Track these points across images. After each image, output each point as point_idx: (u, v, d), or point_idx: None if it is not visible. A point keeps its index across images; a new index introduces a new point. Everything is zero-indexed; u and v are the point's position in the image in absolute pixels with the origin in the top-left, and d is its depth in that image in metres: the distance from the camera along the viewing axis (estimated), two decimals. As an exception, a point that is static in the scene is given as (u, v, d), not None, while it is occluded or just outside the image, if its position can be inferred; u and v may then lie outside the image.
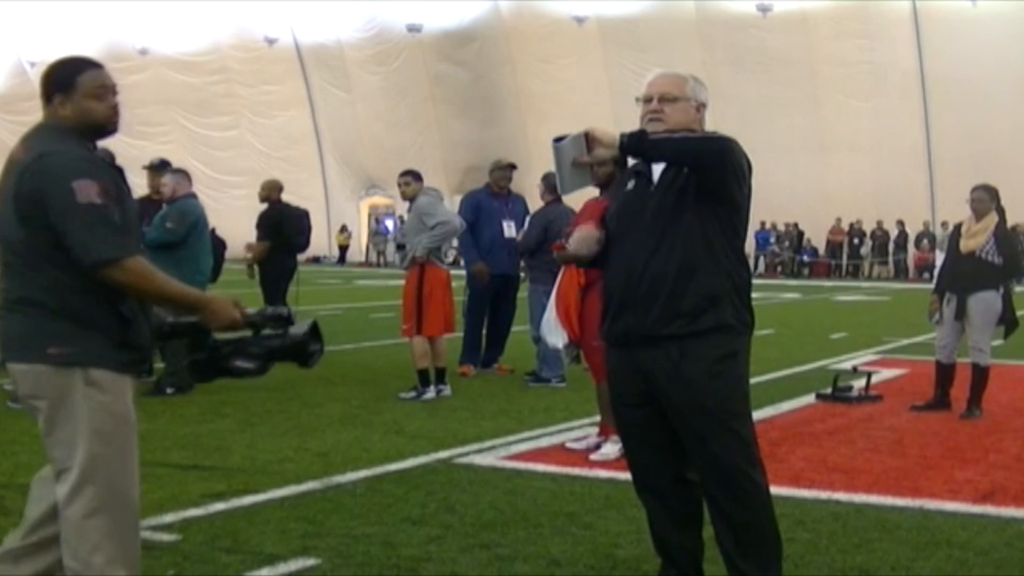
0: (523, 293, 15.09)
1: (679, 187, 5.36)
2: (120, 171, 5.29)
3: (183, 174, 13.82)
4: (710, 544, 5.68)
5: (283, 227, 17.17)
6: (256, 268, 17.32)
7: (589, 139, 5.24)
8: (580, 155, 5.26)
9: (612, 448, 9.66)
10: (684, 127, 5.49)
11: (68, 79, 4.94)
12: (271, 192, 17.37)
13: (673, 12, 49.94)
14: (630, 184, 5.67)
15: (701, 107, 5.63)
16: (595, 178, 5.67)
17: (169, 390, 12.74)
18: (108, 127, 5.06)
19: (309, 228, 17.72)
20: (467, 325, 15.30)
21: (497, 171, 15.60)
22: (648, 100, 5.59)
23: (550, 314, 10.12)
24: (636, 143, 5.21)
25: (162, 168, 14.50)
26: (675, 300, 5.33)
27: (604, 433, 9.96)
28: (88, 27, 61.49)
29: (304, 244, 17.68)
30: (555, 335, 10.07)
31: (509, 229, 15.24)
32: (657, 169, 5.51)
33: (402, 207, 34.22)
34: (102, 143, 5.20)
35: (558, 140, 5.30)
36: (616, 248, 5.59)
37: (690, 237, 5.32)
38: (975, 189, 12.49)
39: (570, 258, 9.99)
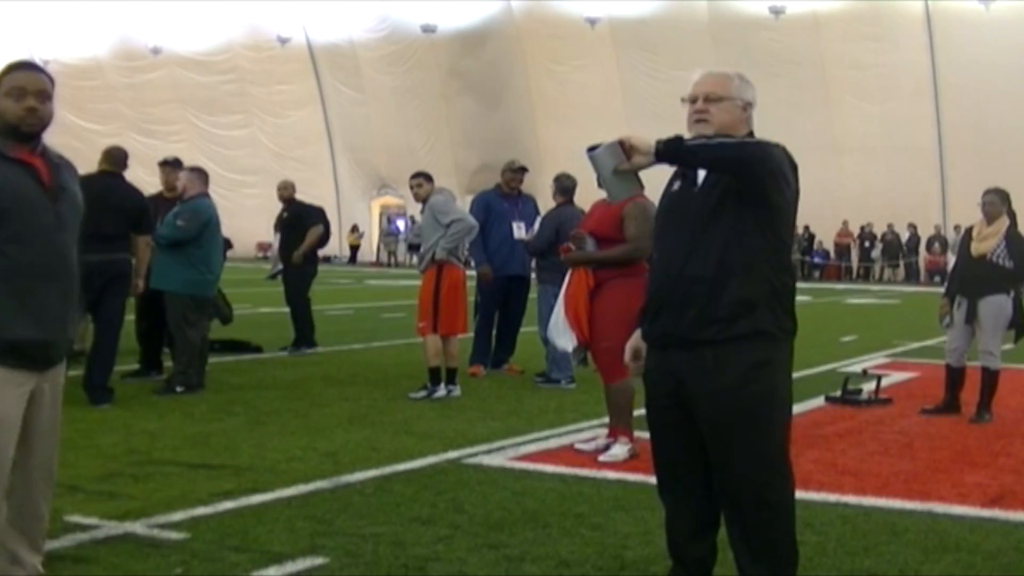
0: (533, 294, 15.08)
1: (721, 189, 5.30)
2: (57, 167, 5.26)
3: (198, 172, 13.79)
4: (722, 546, 5.67)
5: (319, 218, 18.09)
6: (277, 265, 17.92)
7: (625, 147, 5.19)
8: (619, 163, 5.23)
9: (621, 449, 9.69)
10: (730, 128, 5.44)
11: None
12: (291, 192, 18.09)
13: (685, 14, 49.91)
14: (675, 185, 5.60)
15: (748, 106, 5.57)
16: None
17: (179, 388, 12.75)
18: (22, 127, 5.09)
19: (329, 224, 18.48)
20: (477, 326, 15.31)
21: (509, 172, 15.62)
22: (693, 100, 5.53)
23: (559, 316, 10.10)
24: (672, 150, 5.15)
25: (175, 166, 14.51)
26: (711, 304, 5.26)
27: (614, 435, 9.95)
28: (101, 26, 61.71)
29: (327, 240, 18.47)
30: (564, 338, 10.05)
31: (519, 230, 15.24)
32: (702, 171, 5.45)
33: (413, 207, 34.29)
34: (115, 141, 5.29)
35: (592, 149, 5.27)
36: (658, 249, 5.54)
37: (728, 240, 5.25)
38: (986, 192, 12.46)
39: (578, 260, 10.02)
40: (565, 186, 14.96)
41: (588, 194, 10.90)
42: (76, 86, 65.33)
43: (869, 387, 13.38)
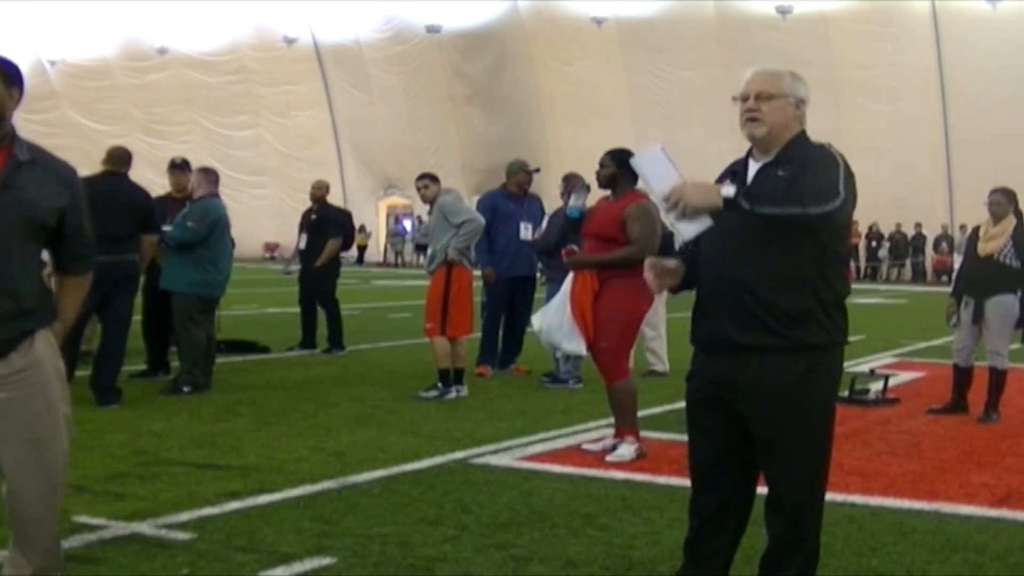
0: (540, 294, 15.06)
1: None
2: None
3: (207, 173, 13.77)
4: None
5: (346, 227, 18.38)
6: (292, 264, 18.17)
7: (678, 196, 5.06)
8: (671, 196, 5.07)
9: (628, 449, 9.70)
10: (782, 127, 5.39)
11: None
12: (325, 192, 18.24)
13: (692, 13, 49.91)
14: (725, 184, 5.46)
15: (800, 103, 5.50)
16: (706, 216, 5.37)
17: (186, 388, 12.75)
18: None
19: (352, 229, 18.75)
20: (484, 326, 15.30)
21: (522, 174, 15.51)
22: (745, 98, 5.43)
23: (564, 319, 9.96)
24: (735, 208, 5.02)
25: (184, 168, 14.49)
26: (757, 312, 5.21)
27: (620, 435, 9.94)
28: (108, 26, 61.78)
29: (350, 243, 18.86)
30: (574, 342, 9.96)
31: (526, 231, 15.21)
32: (753, 170, 5.41)
33: (420, 207, 34.23)
34: (122, 142, 5.20)
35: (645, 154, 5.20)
36: (707, 250, 5.40)
37: (777, 248, 5.17)
38: (993, 192, 12.45)
39: (582, 263, 9.95)
40: (573, 186, 14.96)
41: (593, 194, 10.92)
42: (84, 87, 65.52)
43: (876, 387, 13.38)
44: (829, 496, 5.40)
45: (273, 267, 43.16)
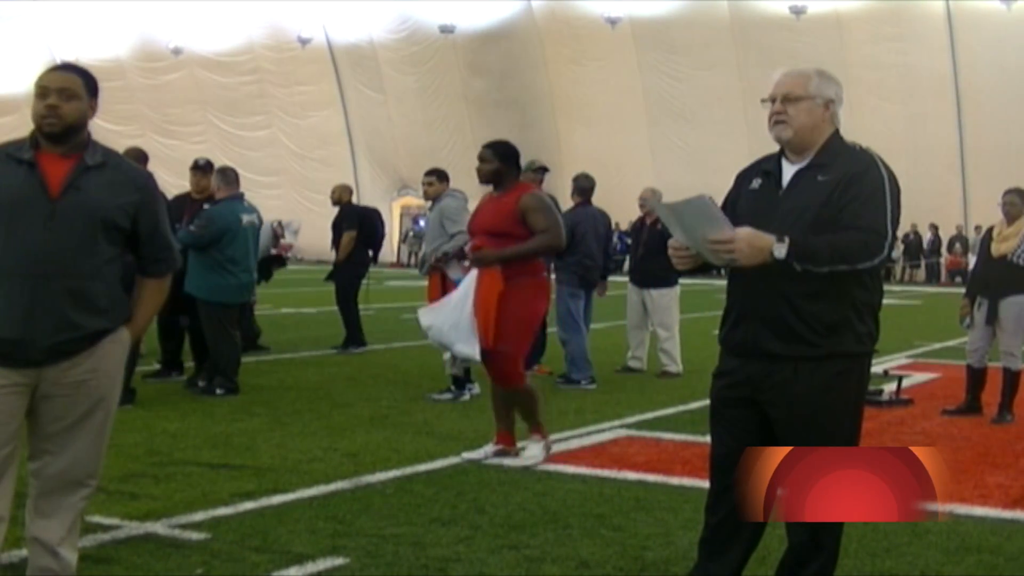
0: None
1: (808, 198, 5.22)
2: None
3: (224, 173, 13.65)
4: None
5: (366, 223, 18.28)
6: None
7: (737, 254, 5.05)
8: (720, 246, 5.06)
9: (537, 448, 9.44)
10: (811, 129, 5.30)
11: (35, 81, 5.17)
12: (342, 194, 18.10)
13: (706, 14, 49.86)
14: (756, 183, 5.48)
15: (830, 103, 5.37)
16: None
17: (219, 391, 12.75)
18: (42, 127, 5.15)
19: (377, 226, 18.65)
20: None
21: (530, 172, 14.99)
22: (772, 101, 5.36)
23: (463, 319, 9.35)
24: (786, 266, 5.02)
25: (206, 169, 14.40)
26: (795, 323, 5.20)
27: (502, 441, 9.70)
28: (122, 26, 61.86)
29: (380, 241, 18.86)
30: (469, 344, 9.34)
31: None
32: (788, 172, 5.37)
33: (434, 208, 34.20)
34: (136, 142, 5.26)
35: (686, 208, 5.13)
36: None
37: None
38: (1007, 193, 12.42)
39: (491, 259, 9.36)
40: (583, 186, 14.95)
41: (605, 195, 10.88)
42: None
43: (890, 388, 13.36)
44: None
45: (287, 267, 43.17)
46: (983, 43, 45.95)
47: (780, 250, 4.99)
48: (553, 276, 14.92)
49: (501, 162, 9.76)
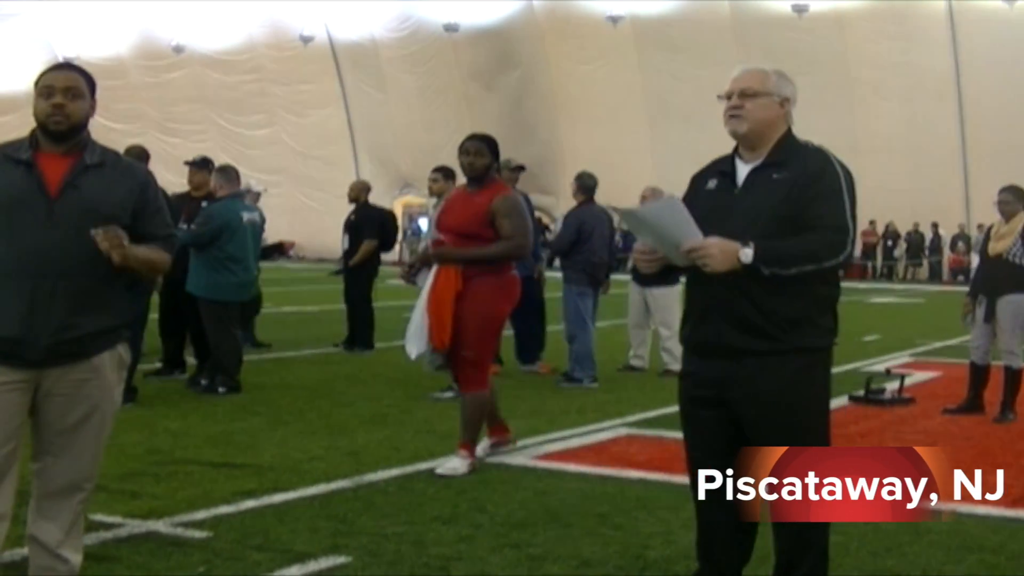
0: (558, 293, 15.03)
1: (764, 196, 5.29)
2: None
3: (224, 172, 13.65)
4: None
5: (385, 227, 18.22)
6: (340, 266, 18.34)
7: (709, 260, 5.13)
8: (689, 250, 5.15)
9: (462, 464, 9.06)
10: (766, 124, 5.39)
11: (35, 81, 5.21)
12: (360, 193, 18.06)
13: (708, 12, 49.78)
14: (712, 183, 5.54)
15: (785, 102, 5.46)
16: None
17: (221, 389, 12.75)
18: (48, 125, 5.17)
19: (392, 230, 18.71)
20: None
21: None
22: (729, 96, 5.45)
23: (417, 319, 9.16)
24: (752, 271, 5.11)
25: (201, 166, 14.40)
26: (756, 318, 5.25)
27: (496, 434, 9.73)
28: (123, 25, 61.83)
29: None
30: (412, 343, 9.17)
31: None
32: (743, 171, 5.44)
33: (435, 206, 34.20)
34: (138, 141, 5.29)
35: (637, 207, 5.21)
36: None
37: None
38: (1002, 191, 12.40)
39: (450, 257, 9.15)
40: (587, 185, 14.93)
41: (606, 193, 10.86)
42: (100, 86, 65.33)
43: (892, 386, 13.35)
44: (845, 496, 5.41)
45: (288, 266, 43.26)
46: (985, 41, 45.89)
47: (747, 254, 5.08)
48: (560, 275, 14.94)
49: (493, 157, 9.48)
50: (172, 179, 18.85)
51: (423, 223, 59.52)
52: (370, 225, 17.86)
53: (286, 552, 6.64)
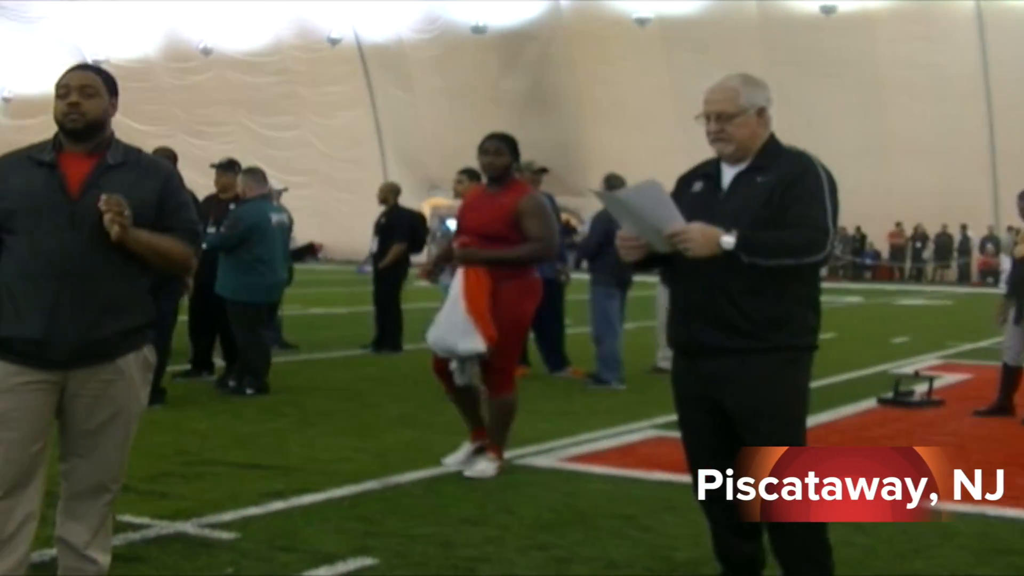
0: (585, 295, 15.00)
1: (748, 199, 5.35)
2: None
3: (252, 173, 13.66)
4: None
5: (415, 229, 18.36)
6: (365, 266, 18.32)
7: (691, 244, 5.20)
8: (671, 234, 5.21)
9: (491, 466, 9.04)
10: (749, 140, 5.46)
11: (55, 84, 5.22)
12: (389, 195, 18.09)
13: (735, 13, 49.72)
14: (697, 186, 5.62)
15: (762, 111, 5.52)
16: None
17: (249, 391, 12.78)
18: (65, 124, 5.16)
19: (422, 232, 18.95)
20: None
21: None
22: (708, 119, 5.54)
23: (459, 318, 8.92)
24: (735, 258, 5.18)
25: (228, 168, 14.42)
26: (735, 317, 5.32)
27: (494, 450, 9.35)
28: (151, 26, 62.02)
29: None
30: (471, 339, 8.86)
31: None
32: (728, 175, 5.50)
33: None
34: (166, 143, 5.28)
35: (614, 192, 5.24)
36: (685, 256, 5.35)
37: None
38: (1021, 196, 12.38)
39: (477, 258, 9.03)
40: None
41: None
42: (127, 88, 64.78)
43: (921, 389, 13.30)
44: (873, 498, 5.38)
45: (316, 267, 43.30)
46: (1013, 42, 45.74)
47: (728, 241, 5.14)
48: (588, 276, 14.91)
49: (513, 156, 9.34)
50: (199, 181, 18.85)
51: (451, 224, 59.60)
52: (400, 228, 17.87)
53: (314, 553, 6.64)
